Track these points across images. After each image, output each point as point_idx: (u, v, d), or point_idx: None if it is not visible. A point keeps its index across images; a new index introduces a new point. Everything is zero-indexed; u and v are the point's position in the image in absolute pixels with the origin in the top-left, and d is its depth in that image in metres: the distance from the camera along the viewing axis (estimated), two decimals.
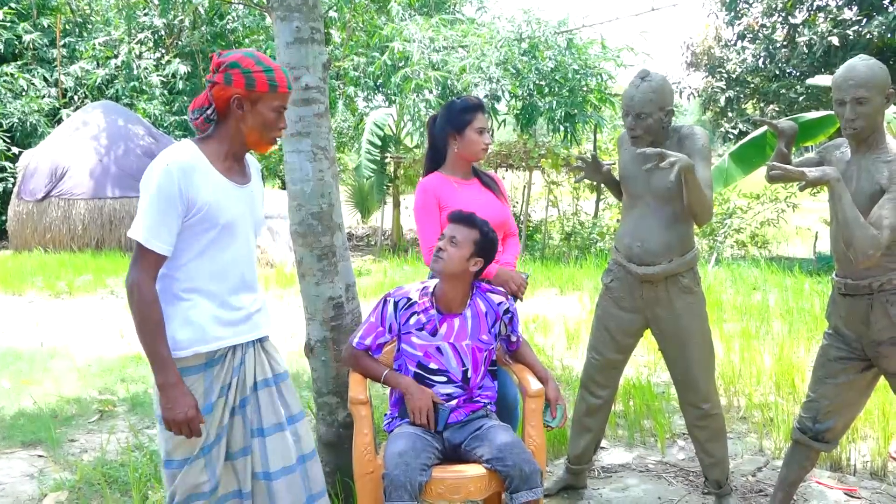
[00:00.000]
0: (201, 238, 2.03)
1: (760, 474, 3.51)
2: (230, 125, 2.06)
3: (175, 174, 1.96)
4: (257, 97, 2.02)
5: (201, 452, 2.09)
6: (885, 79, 2.51)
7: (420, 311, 2.58)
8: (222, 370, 2.11)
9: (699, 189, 2.78)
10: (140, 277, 1.96)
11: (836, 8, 12.07)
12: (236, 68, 2.00)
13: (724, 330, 5.97)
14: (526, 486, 2.36)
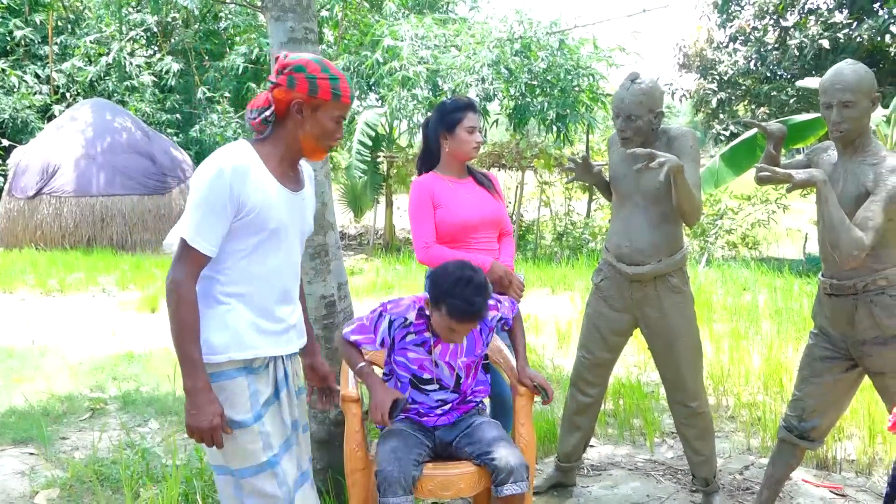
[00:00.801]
0: (248, 241, 1.97)
1: (748, 472, 3.55)
2: (288, 129, 2.00)
3: (228, 175, 1.90)
4: (318, 104, 1.97)
5: (269, 464, 2.00)
6: (871, 83, 2.55)
7: (416, 331, 2.54)
8: (267, 383, 2.04)
9: (688, 189, 2.81)
10: (182, 277, 1.90)
11: (826, 11, 12.15)
12: (301, 72, 1.95)
13: (714, 330, 6.02)
14: (512, 480, 2.38)
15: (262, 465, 1.99)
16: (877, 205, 2.45)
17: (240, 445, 1.98)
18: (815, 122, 5.96)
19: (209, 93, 14.98)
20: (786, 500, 3.23)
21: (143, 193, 12.48)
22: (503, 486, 2.38)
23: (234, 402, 1.97)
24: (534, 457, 2.68)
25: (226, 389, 1.96)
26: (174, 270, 1.91)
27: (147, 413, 4.42)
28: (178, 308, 1.89)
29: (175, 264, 1.92)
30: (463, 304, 2.34)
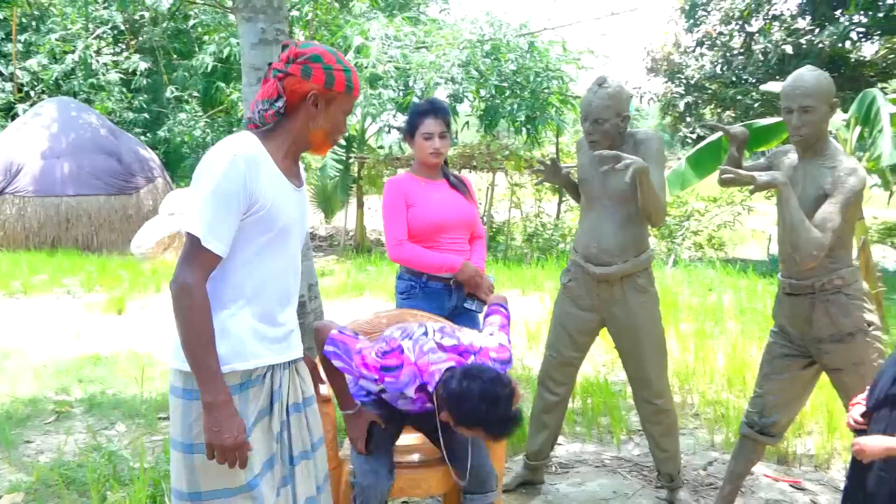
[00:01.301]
0: (256, 240, 1.84)
1: (711, 468, 3.63)
2: (297, 121, 1.88)
3: (241, 166, 1.76)
4: (333, 96, 1.87)
5: (248, 486, 1.85)
6: (829, 89, 2.64)
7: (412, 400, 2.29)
8: (260, 392, 1.89)
9: (653, 191, 2.87)
10: (193, 280, 1.74)
11: (790, 17, 12.42)
12: (318, 63, 1.84)
13: (680, 330, 6.12)
14: (481, 491, 2.41)
15: (239, 487, 1.85)
16: (834, 207, 2.53)
17: (217, 467, 1.82)
18: (779, 125, 6.08)
19: (178, 92, 14.82)
20: (747, 495, 3.31)
21: (110, 193, 12.30)
22: (473, 497, 2.42)
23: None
24: (503, 453, 2.71)
25: None
26: (184, 272, 1.75)
27: (114, 416, 4.37)
28: (192, 314, 1.74)
29: (184, 265, 1.75)
30: (502, 428, 2.11)
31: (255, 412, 1.89)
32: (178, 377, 1.86)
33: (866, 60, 11.92)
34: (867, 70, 11.87)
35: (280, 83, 1.85)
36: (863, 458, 2.03)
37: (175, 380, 1.88)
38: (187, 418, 1.84)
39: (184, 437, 1.85)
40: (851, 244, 2.72)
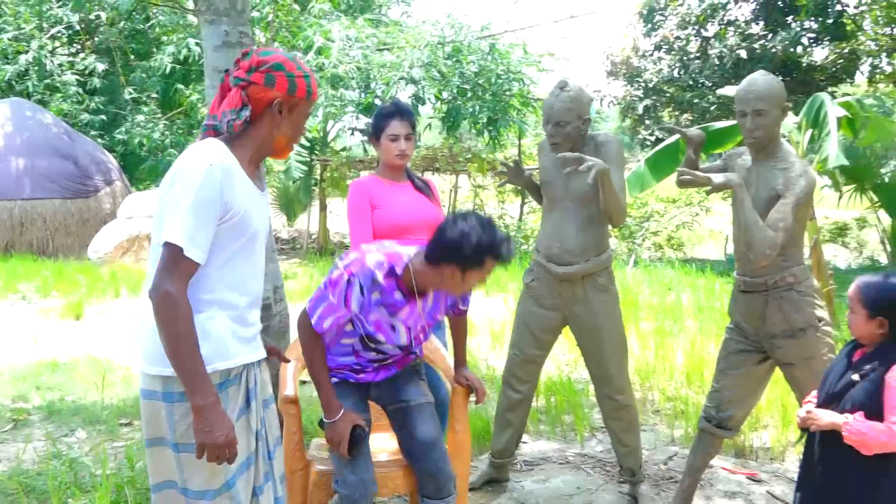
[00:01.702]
0: (230, 246, 1.88)
1: (671, 462, 3.72)
2: (262, 128, 1.93)
3: (218, 174, 1.80)
4: (295, 102, 1.93)
5: (226, 486, 1.91)
6: (781, 93, 2.74)
7: (383, 291, 2.38)
8: (238, 391, 1.95)
9: (614, 192, 2.94)
10: (176, 289, 1.77)
11: (744, 23, 12.73)
12: (281, 71, 1.89)
13: (641, 329, 6.24)
14: (438, 496, 2.45)
15: (220, 487, 1.91)
16: (787, 207, 2.63)
17: (205, 466, 1.87)
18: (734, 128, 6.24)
19: (135, 93, 14.57)
20: (706, 487, 3.41)
21: (66, 197, 12.04)
22: (431, 502, 2.46)
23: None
24: (469, 451, 2.75)
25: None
26: (166, 281, 1.77)
27: (74, 423, 4.30)
28: (178, 322, 1.77)
29: (165, 275, 1.78)
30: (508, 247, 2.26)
31: (236, 411, 1.94)
32: (156, 382, 1.88)
33: (817, 65, 12.28)
34: (818, 74, 12.23)
35: (244, 92, 1.89)
36: (811, 425, 2.13)
37: (152, 385, 1.89)
38: (171, 419, 1.87)
39: (171, 436, 1.89)
40: (803, 243, 2.83)
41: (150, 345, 1.87)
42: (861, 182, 10.50)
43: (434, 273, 2.30)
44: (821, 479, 2.17)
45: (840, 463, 2.12)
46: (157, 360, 1.85)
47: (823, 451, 2.17)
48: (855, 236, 11.97)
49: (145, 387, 1.92)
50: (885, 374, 2.03)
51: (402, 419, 2.53)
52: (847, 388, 2.09)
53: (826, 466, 2.16)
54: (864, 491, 2.07)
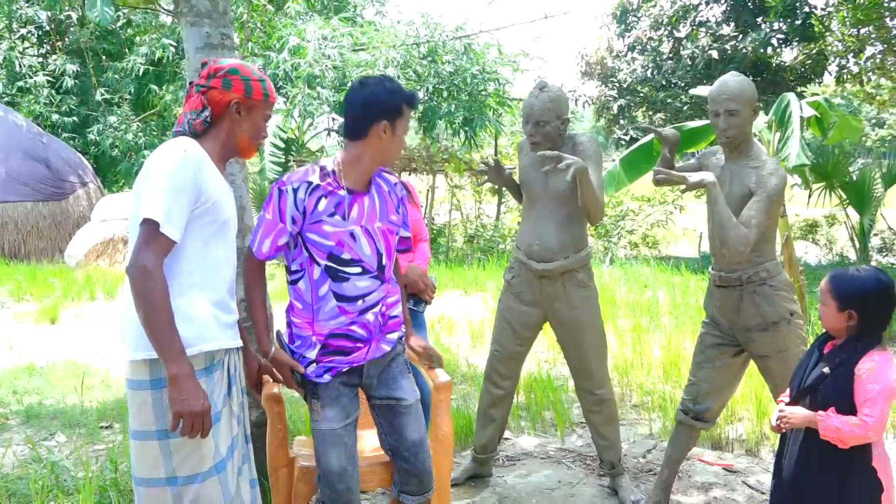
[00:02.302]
0: (204, 230, 2.00)
1: (650, 455, 3.80)
2: (223, 128, 2.10)
3: (192, 162, 1.95)
4: (253, 104, 2.10)
5: (215, 469, 1.98)
6: (753, 93, 2.82)
7: (326, 194, 2.26)
8: (223, 376, 2.04)
9: (592, 190, 3.01)
10: (152, 262, 1.86)
11: (715, 24, 12.93)
12: (236, 75, 2.08)
13: (618, 325, 6.33)
14: (420, 492, 2.49)
15: (209, 470, 1.97)
16: (759, 204, 2.71)
17: (193, 450, 1.95)
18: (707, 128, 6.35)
19: (107, 94, 14.40)
20: (684, 479, 3.48)
21: (38, 199, 11.86)
22: (412, 497, 2.50)
23: None
24: (451, 446, 2.78)
25: None
26: (142, 256, 1.86)
27: (53, 426, 4.27)
28: (156, 295, 1.85)
29: (142, 250, 1.87)
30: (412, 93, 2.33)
31: (221, 395, 2.03)
32: (142, 369, 1.94)
33: (787, 65, 12.50)
34: (788, 74, 12.45)
35: (203, 96, 2.07)
36: (789, 425, 2.18)
37: (139, 373, 1.95)
38: (159, 406, 1.93)
39: (157, 424, 1.93)
40: (775, 239, 2.91)
41: (135, 331, 1.92)
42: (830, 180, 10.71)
43: (364, 148, 2.27)
44: (793, 470, 2.23)
45: (810, 454, 2.17)
46: (143, 345, 1.90)
47: (793, 442, 2.23)
48: (825, 233, 12.20)
49: (131, 377, 1.97)
50: (855, 366, 2.08)
51: (391, 417, 2.46)
52: (819, 381, 2.15)
53: (797, 458, 2.21)
54: (833, 481, 2.12)
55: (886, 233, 11.32)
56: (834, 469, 2.12)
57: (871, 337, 2.11)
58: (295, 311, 2.37)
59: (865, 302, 2.11)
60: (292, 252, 2.34)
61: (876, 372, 2.05)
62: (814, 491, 2.17)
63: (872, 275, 2.14)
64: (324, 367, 2.34)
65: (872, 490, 2.12)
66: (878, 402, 2.02)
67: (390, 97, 2.26)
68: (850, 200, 10.97)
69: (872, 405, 2.02)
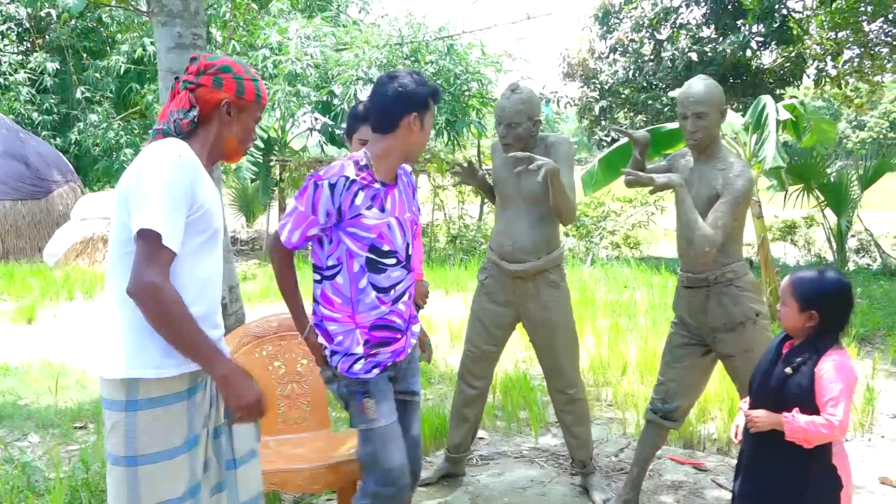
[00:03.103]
0: (195, 240, 1.86)
1: (622, 454, 3.83)
2: (212, 130, 1.95)
3: (187, 166, 1.81)
4: (244, 105, 1.96)
5: (189, 494, 1.87)
6: (720, 96, 2.86)
7: (362, 188, 2.28)
8: (204, 398, 1.93)
9: (563, 191, 3.03)
10: (161, 279, 1.74)
11: (695, 26, 13.03)
12: (228, 73, 1.93)
13: (597, 326, 6.37)
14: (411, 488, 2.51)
15: (182, 496, 1.86)
16: (725, 206, 2.75)
17: (163, 478, 1.82)
18: None
19: (88, 93, 14.30)
20: (654, 477, 3.52)
21: (16, 198, 11.76)
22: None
23: (171, 430, 1.83)
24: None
25: (164, 417, 1.82)
26: (150, 273, 1.73)
27: (26, 427, 4.25)
28: (172, 310, 1.75)
29: (147, 265, 1.74)
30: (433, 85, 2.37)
31: (202, 418, 1.92)
32: (118, 389, 1.82)
33: (766, 68, 12.63)
34: (767, 77, 12.58)
35: (192, 94, 1.91)
36: (755, 428, 2.21)
37: (114, 392, 1.83)
38: (132, 430, 1.81)
39: (127, 450, 1.82)
40: (742, 240, 2.95)
41: (113, 348, 1.82)
42: (808, 182, 10.84)
43: (394, 140, 2.32)
44: (755, 471, 2.25)
45: (773, 455, 2.19)
46: (120, 363, 1.80)
47: (756, 442, 2.24)
48: (803, 235, 12.33)
49: (107, 396, 1.85)
50: (816, 366, 2.11)
51: (402, 412, 2.43)
52: (781, 382, 2.17)
53: (760, 457, 2.24)
54: (795, 480, 2.14)
55: (863, 234, 11.46)
56: (795, 468, 2.14)
57: (830, 337, 2.14)
58: (334, 307, 2.33)
59: (827, 303, 2.13)
60: (326, 248, 2.32)
61: (837, 371, 2.08)
62: (776, 491, 2.19)
63: (834, 276, 2.17)
64: (372, 363, 2.33)
65: (833, 488, 2.14)
66: (841, 401, 2.05)
67: (419, 89, 2.29)
68: (827, 202, 11.11)
69: (836, 404, 2.05)
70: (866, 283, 9.25)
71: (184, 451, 1.86)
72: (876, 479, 3.51)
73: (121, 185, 1.86)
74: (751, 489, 2.27)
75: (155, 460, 1.82)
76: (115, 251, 1.86)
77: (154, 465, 1.82)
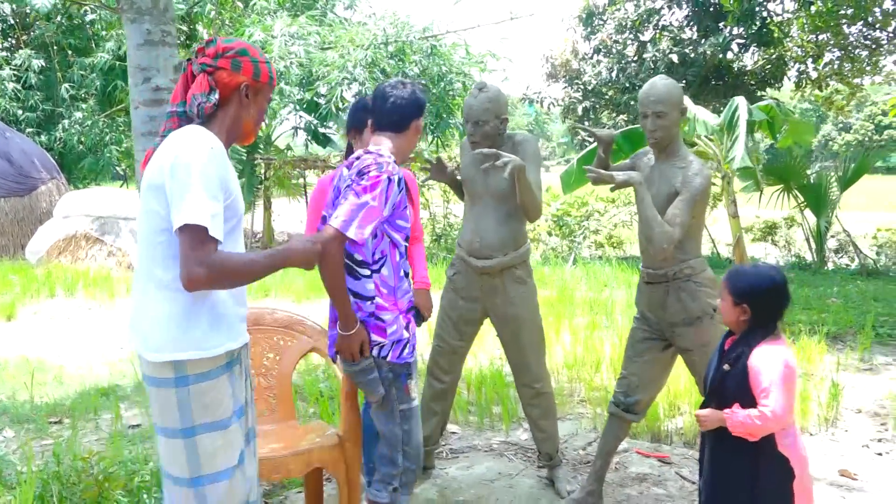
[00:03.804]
0: (226, 226, 1.91)
1: (590, 448, 3.90)
2: (230, 112, 1.99)
3: (219, 157, 1.87)
4: (260, 87, 2.02)
5: (239, 460, 1.97)
6: (679, 96, 2.93)
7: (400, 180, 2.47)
8: (241, 369, 2.02)
9: (529, 188, 3.09)
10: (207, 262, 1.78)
11: (677, 28, 13.14)
12: (245, 56, 1.98)
13: (574, 324, 6.43)
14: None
15: (233, 466, 1.95)
16: (683, 203, 2.82)
17: (219, 447, 1.92)
18: None
19: (73, 90, 14.25)
20: (620, 470, 3.59)
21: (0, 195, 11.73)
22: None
23: (220, 403, 1.91)
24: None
25: (213, 389, 1.90)
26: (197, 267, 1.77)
27: (1, 422, 4.27)
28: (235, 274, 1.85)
29: (193, 259, 1.77)
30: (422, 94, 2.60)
31: (242, 389, 2.02)
32: (166, 368, 1.88)
33: (747, 70, 12.75)
34: (748, 79, 12.70)
35: (211, 77, 1.95)
36: (704, 427, 2.28)
37: (162, 371, 1.89)
38: (185, 404, 1.88)
39: (183, 422, 1.89)
40: (700, 237, 3.03)
41: (157, 332, 1.88)
42: (788, 183, 10.98)
43: (404, 140, 2.54)
44: (711, 465, 2.31)
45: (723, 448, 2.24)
46: (167, 346, 1.87)
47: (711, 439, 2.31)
48: (784, 235, 12.47)
49: (154, 375, 1.91)
50: (748, 359, 2.16)
51: None
52: (721, 378, 2.24)
53: (715, 454, 2.30)
54: (746, 472, 2.20)
55: (842, 235, 11.60)
56: (745, 463, 2.19)
57: (763, 330, 2.19)
58: (382, 297, 2.43)
59: (757, 297, 2.19)
60: (371, 243, 2.42)
61: (768, 363, 2.13)
62: (732, 483, 2.25)
63: (765, 271, 2.24)
64: (413, 345, 2.51)
65: (783, 478, 2.18)
66: (774, 392, 2.09)
67: (424, 97, 2.59)
68: (807, 203, 11.25)
69: (768, 395, 2.10)
70: (843, 282, 9.37)
71: (235, 421, 1.96)
72: (836, 472, 3.59)
73: (152, 175, 1.88)
74: (709, 485, 2.33)
75: (211, 429, 1.90)
76: (147, 240, 1.90)
77: (209, 434, 1.90)
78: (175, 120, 1.97)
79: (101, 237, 10.45)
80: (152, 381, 1.92)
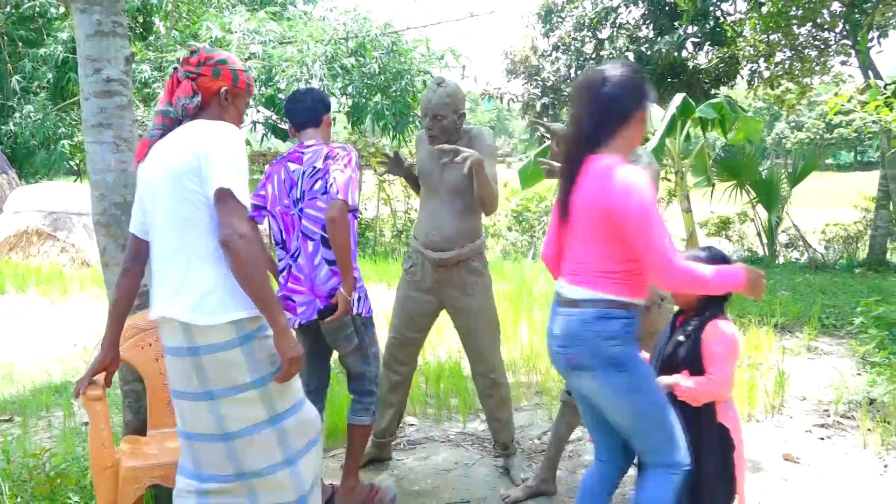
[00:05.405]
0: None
1: (545, 437, 3.96)
2: (211, 114, 2.25)
3: (241, 142, 2.15)
4: (238, 92, 2.30)
5: (305, 393, 2.36)
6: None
7: None
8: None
9: (487, 182, 3.14)
10: (246, 228, 2.01)
11: (633, 26, 13.34)
12: (225, 64, 2.26)
13: (533, 317, 6.51)
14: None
15: (303, 398, 2.28)
16: None
17: (289, 384, 2.19)
18: None
19: (24, 82, 13.88)
20: (574, 458, 3.67)
21: None
22: None
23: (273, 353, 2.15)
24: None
25: (270, 340, 2.14)
26: (237, 225, 2.00)
27: None
28: (257, 259, 2.01)
29: (231, 220, 2.00)
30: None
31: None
32: (228, 331, 2.08)
33: (702, 68, 13.00)
34: (703, 77, 12.95)
35: (194, 82, 2.23)
36: None
37: (224, 335, 2.08)
38: (252, 359, 2.11)
39: (253, 375, 2.12)
40: None
41: (210, 299, 2.07)
42: (740, 179, 11.25)
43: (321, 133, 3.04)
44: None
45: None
46: (221, 309, 2.07)
47: None
48: (737, 230, 12.76)
49: (215, 341, 2.08)
50: (702, 332, 2.35)
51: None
52: (675, 348, 2.40)
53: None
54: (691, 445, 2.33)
55: (792, 230, 11.92)
56: (689, 432, 2.35)
57: (715, 308, 2.38)
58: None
59: None
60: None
61: (719, 336, 2.33)
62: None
63: (718, 252, 2.44)
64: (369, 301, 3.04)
65: (724, 447, 2.37)
66: (720, 362, 2.31)
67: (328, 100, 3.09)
68: (759, 199, 11.55)
69: (716, 365, 2.31)
70: (792, 275, 9.64)
71: None
72: (780, 457, 3.72)
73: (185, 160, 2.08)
74: None
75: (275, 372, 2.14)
76: (177, 222, 2.10)
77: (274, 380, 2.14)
78: (169, 119, 2.23)
79: (53, 233, 10.23)
80: (210, 349, 2.08)
